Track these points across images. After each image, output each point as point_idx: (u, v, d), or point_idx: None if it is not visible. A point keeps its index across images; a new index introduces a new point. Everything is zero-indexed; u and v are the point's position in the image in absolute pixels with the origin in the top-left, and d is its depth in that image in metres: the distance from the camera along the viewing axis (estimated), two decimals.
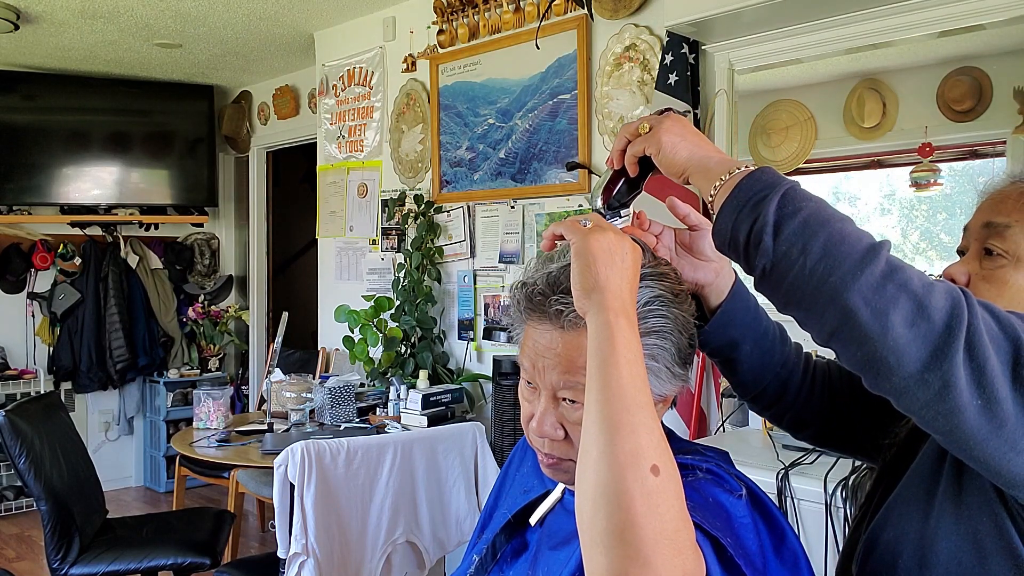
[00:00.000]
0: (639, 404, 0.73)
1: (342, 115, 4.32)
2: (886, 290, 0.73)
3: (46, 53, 4.71)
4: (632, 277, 0.81)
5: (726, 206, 0.84)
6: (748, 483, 0.90)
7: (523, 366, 0.93)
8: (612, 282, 0.79)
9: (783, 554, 0.86)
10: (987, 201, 0.95)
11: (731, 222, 0.82)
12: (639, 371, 0.75)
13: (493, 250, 3.56)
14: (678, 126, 0.92)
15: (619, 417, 0.72)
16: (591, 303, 0.79)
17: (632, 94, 2.99)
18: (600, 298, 0.78)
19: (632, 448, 0.70)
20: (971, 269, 0.93)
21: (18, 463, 2.71)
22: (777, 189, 0.80)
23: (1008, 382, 0.72)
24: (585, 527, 0.71)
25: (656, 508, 0.68)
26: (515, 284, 0.94)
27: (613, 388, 0.73)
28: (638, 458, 0.70)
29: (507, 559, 1.04)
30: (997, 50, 2.21)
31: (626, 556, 0.67)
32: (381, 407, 3.48)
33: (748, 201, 0.81)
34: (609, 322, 0.76)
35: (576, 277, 0.81)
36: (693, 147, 0.90)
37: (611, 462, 0.70)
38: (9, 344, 5.10)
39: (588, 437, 0.73)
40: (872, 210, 2.47)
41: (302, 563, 2.36)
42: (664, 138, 0.91)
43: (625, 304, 0.79)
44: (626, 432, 0.71)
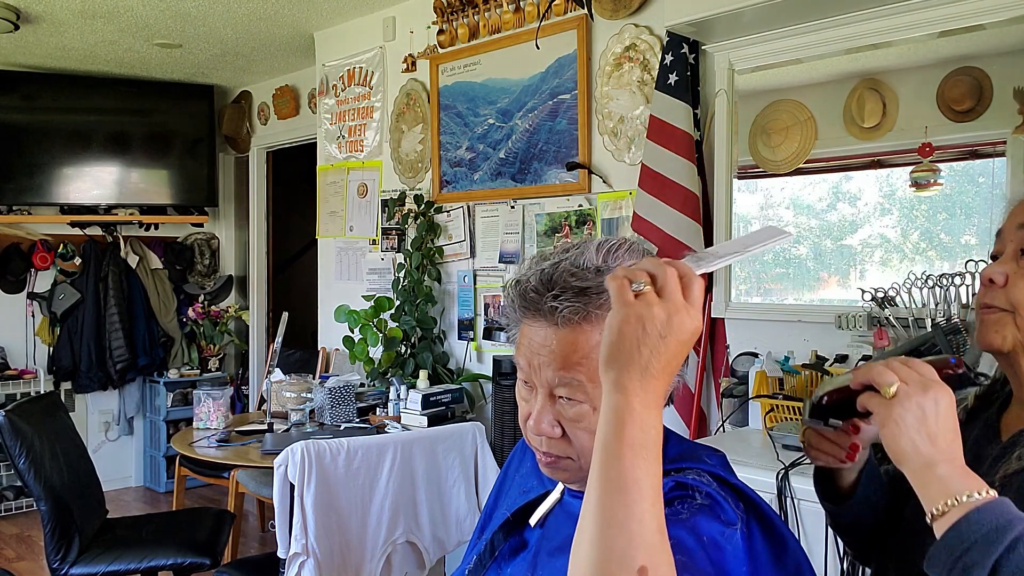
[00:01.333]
0: (636, 499, 0.68)
1: (342, 115, 4.32)
2: None
3: (46, 53, 4.71)
4: (669, 357, 0.71)
5: (941, 545, 0.79)
6: (746, 491, 0.89)
7: (519, 365, 0.94)
8: (635, 364, 0.71)
9: (785, 562, 0.86)
10: (1020, 206, 0.98)
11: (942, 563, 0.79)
12: (644, 461, 0.70)
13: (493, 250, 3.56)
14: (919, 411, 0.82)
15: (614, 511, 0.69)
16: (606, 379, 0.73)
17: (632, 94, 2.99)
18: (615, 377, 0.71)
19: (623, 546, 0.67)
20: (1008, 269, 0.95)
21: (18, 463, 2.71)
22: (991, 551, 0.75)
23: None
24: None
25: None
26: (509, 282, 0.94)
27: (612, 479, 0.69)
28: (626, 558, 0.67)
29: (505, 557, 1.04)
30: (997, 50, 2.21)
31: None
32: (381, 407, 3.48)
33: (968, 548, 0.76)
34: (617, 406, 0.71)
35: (603, 348, 0.73)
36: (922, 443, 0.82)
37: (600, 558, 0.68)
38: (9, 344, 5.10)
39: (584, 521, 0.71)
40: (872, 210, 2.47)
41: (302, 563, 2.36)
42: (894, 415, 0.83)
43: (646, 387, 0.71)
44: (619, 528, 0.68)
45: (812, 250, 2.65)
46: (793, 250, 2.70)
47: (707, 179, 2.75)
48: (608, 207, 3.09)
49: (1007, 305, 0.95)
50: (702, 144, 2.76)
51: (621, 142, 3.04)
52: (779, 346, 2.52)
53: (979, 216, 2.25)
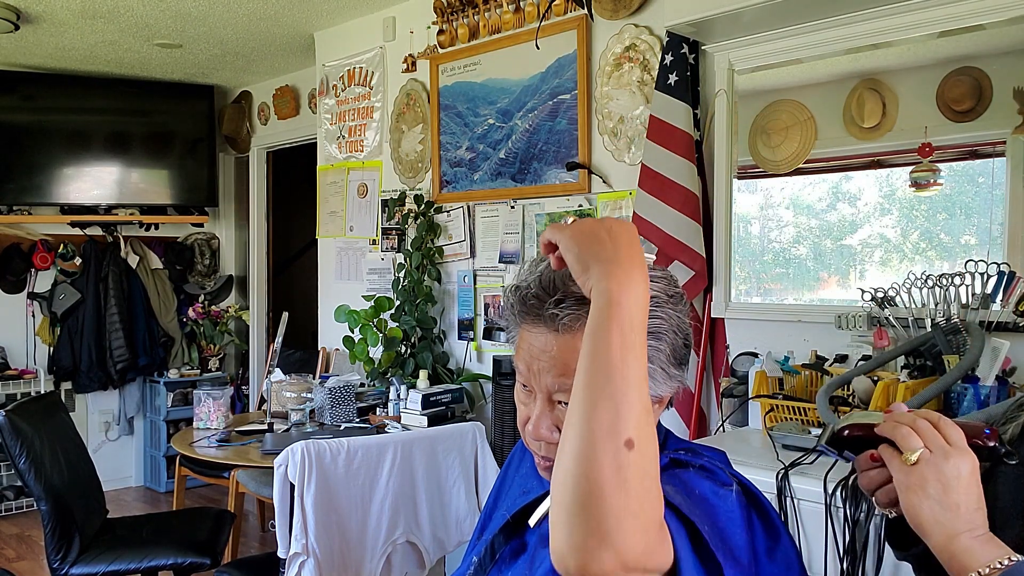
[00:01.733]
0: (624, 377, 0.71)
1: (342, 115, 4.32)
2: None
3: (46, 53, 4.71)
4: (627, 241, 0.78)
5: None
6: (745, 483, 0.90)
7: (518, 369, 0.93)
8: (603, 253, 0.77)
9: (776, 556, 0.86)
10: None
11: None
12: (632, 343, 0.73)
13: (493, 250, 3.56)
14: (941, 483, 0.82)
15: (602, 387, 0.71)
16: (591, 279, 0.77)
17: (632, 94, 2.99)
18: (597, 270, 0.76)
19: (610, 420, 0.69)
20: None
21: (18, 463, 2.71)
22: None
23: None
24: (554, 494, 0.71)
25: (625, 483, 0.67)
26: (508, 288, 0.94)
27: (601, 358, 0.72)
28: (614, 430, 0.69)
29: (506, 560, 1.04)
30: (997, 50, 2.21)
31: (588, 528, 0.67)
32: (381, 407, 3.48)
33: None
34: (606, 289, 0.74)
35: (572, 268, 0.79)
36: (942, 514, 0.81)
37: (587, 431, 0.69)
38: (9, 344, 5.10)
39: (573, 401, 0.72)
40: (872, 210, 2.47)
41: (302, 563, 2.36)
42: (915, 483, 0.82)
43: (625, 270, 0.75)
44: (606, 402, 0.70)
45: (812, 250, 2.65)
46: (793, 250, 2.70)
47: (707, 179, 2.75)
48: (608, 207, 3.09)
49: None
50: (702, 144, 2.76)
51: (621, 142, 3.04)
52: (779, 346, 2.52)
53: (979, 216, 2.25)
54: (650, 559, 0.70)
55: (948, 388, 1.89)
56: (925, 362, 2.06)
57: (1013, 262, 2.09)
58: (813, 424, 2.12)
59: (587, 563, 0.67)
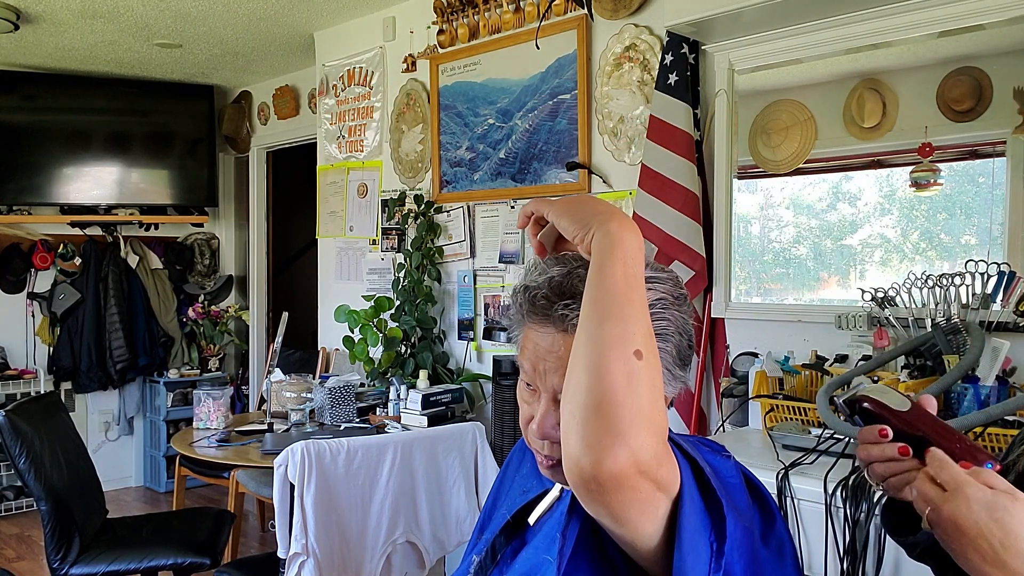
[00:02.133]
0: (630, 300, 0.76)
1: (342, 115, 4.32)
2: None
3: (46, 53, 4.71)
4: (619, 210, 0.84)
5: None
6: (744, 470, 0.91)
7: (523, 368, 0.93)
8: (599, 207, 0.83)
9: (769, 540, 0.87)
10: None
11: None
12: (635, 273, 0.78)
13: (493, 250, 3.56)
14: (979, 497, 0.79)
15: (610, 308, 0.75)
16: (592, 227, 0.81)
17: (632, 94, 2.99)
18: (600, 219, 0.81)
19: (619, 332, 0.73)
20: None
21: (18, 463, 2.71)
22: None
23: None
24: (567, 404, 0.74)
25: (636, 388, 0.71)
26: (517, 287, 0.94)
27: (607, 285, 0.76)
28: (623, 341, 0.73)
29: (507, 560, 1.04)
30: (997, 50, 2.21)
31: (603, 427, 0.70)
32: (381, 407, 3.48)
33: None
34: (609, 230, 0.80)
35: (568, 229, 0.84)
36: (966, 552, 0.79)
37: (597, 342, 0.73)
38: (9, 344, 5.10)
39: (582, 325, 0.77)
40: (872, 210, 2.47)
41: (302, 563, 2.36)
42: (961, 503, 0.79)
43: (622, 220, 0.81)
44: (615, 319, 0.74)
45: (812, 250, 2.65)
46: (793, 250, 2.70)
47: (707, 179, 2.75)
48: None
49: None
50: (702, 144, 2.76)
51: (621, 142, 3.04)
52: (779, 346, 2.52)
53: (979, 216, 2.25)
54: (660, 468, 0.72)
55: (948, 388, 1.89)
56: (925, 362, 2.06)
57: (1013, 262, 2.09)
58: (813, 424, 2.12)
59: (601, 459, 0.70)
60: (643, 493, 0.71)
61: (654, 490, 0.72)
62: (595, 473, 0.70)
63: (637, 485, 0.71)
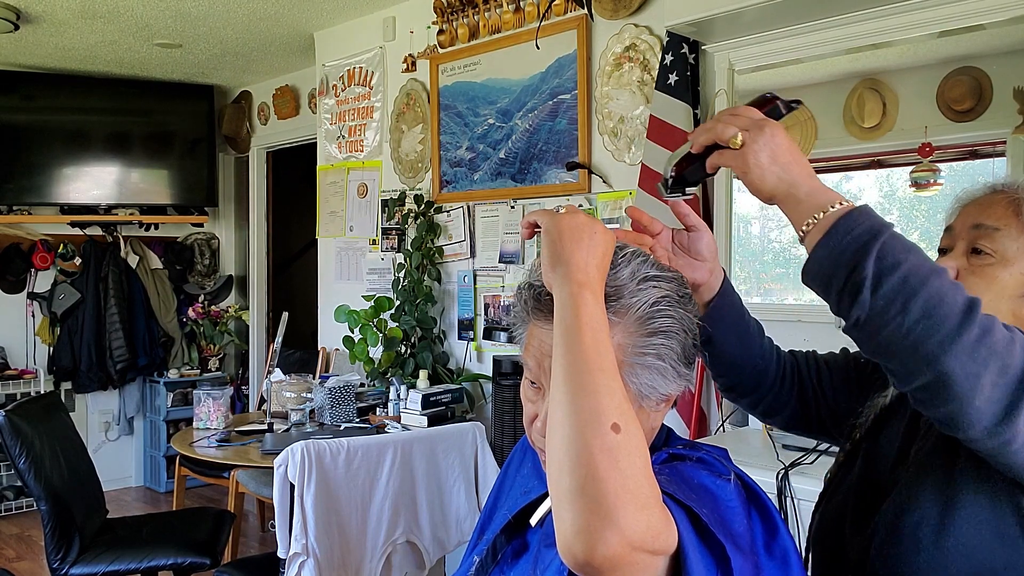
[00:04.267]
0: (600, 367, 0.75)
1: (342, 115, 4.32)
2: (979, 354, 0.78)
3: (46, 53, 4.71)
4: (601, 255, 0.83)
5: (820, 249, 0.85)
6: (744, 477, 0.90)
7: (527, 366, 0.94)
8: (577, 257, 0.82)
9: (773, 550, 0.86)
10: (972, 206, 1.05)
11: (825, 268, 0.85)
12: (602, 338, 0.77)
13: (493, 250, 3.56)
14: (770, 147, 0.90)
15: (580, 379, 0.74)
16: (556, 276, 0.82)
17: (632, 94, 3.00)
18: (564, 271, 0.81)
19: (592, 407, 0.72)
20: (959, 265, 1.02)
21: (18, 463, 2.71)
22: (877, 238, 0.82)
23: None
24: (553, 488, 0.73)
25: (617, 463, 0.70)
26: (523, 285, 0.94)
27: (575, 353, 0.76)
28: (598, 416, 0.72)
29: (508, 560, 1.04)
30: (997, 50, 2.21)
31: (589, 510, 0.69)
32: (381, 407, 3.48)
33: (846, 249, 0.83)
34: (572, 294, 0.79)
35: (544, 253, 0.85)
36: (782, 172, 0.89)
37: (573, 421, 0.72)
38: (9, 344, 5.10)
39: (553, 401, 0.76)
40: None
41: (302, 563, 2.36)
42: (752, 160, 0.90)
43: (591, 278, 0.81)
44: (587, 393, 0.73)
45: None
46: (793, 250, 2.70)
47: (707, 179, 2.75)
48: (608, 207, 3.09)
49: None
50: None
51: (621, 142, 3.04)
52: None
53: None
54: (655, 539, 0.71)
55: None
56: None
57: None
58: None
59: (593, 546, 0.68)
60: (639, 564, 0.70)
61: (651, 557, 0.71)
62: (588, 559, 0.69)
63: (633, 560, 0.69)
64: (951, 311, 0.78)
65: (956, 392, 0.78)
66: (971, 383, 0.78)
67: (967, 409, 0.79)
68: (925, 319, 0.78)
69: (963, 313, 0.79)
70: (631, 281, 0.88)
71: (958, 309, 0.79)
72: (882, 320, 0.80)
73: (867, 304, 0.81)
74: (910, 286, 0.79)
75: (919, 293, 0.79)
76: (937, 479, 0.95)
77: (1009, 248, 0.99)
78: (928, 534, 0.92)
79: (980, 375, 0.78)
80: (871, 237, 0.82)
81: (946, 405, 0.80)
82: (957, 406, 0.79)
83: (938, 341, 0.78)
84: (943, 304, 0.79)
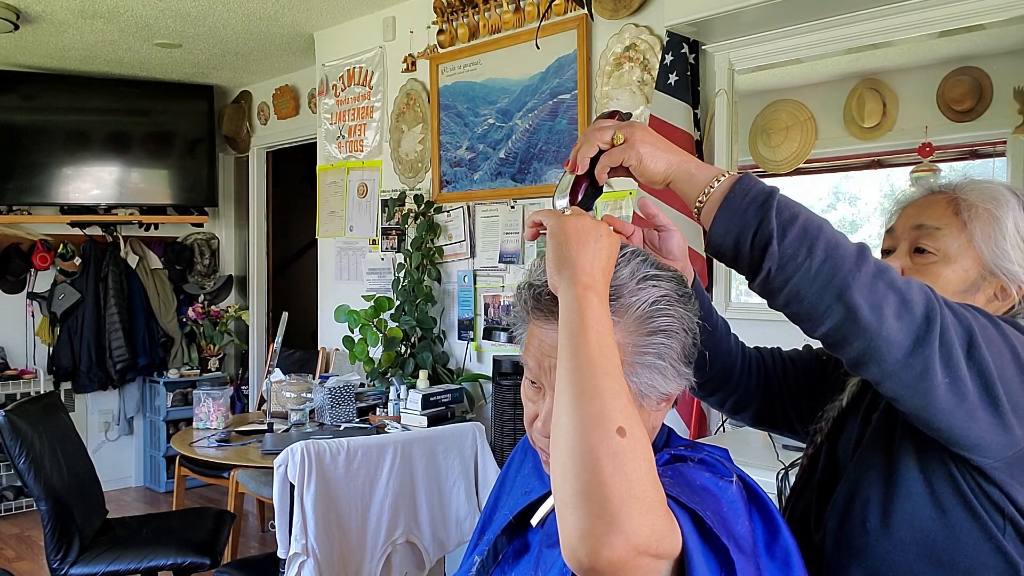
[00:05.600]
0: (605, 371, 0.75)
1: (342, 115, 4.32)
2: (878, 287, 0.85)
3: (46, 53, 4.71)
4: (606, 258, 0.84)
5: (722, 214, 0.90)
6: (745, 478, 0.90)
7: (527, 365, 0.94)
8: (583, 259, 0.82)
9: (774, 551, 0.86)
10: (912, 208, 1.10)
11: (732, 228, 0.90)
12: (607, 341, 0.77)
13: (493, 250, 3.56)
14: (651, 136, 0.96)
15: (586, 383, 0.74)
16: (562, 279, 0.82)
17: (632, 94, 2.99)
18: (570, 274, 0.81)
19: (598, 411, 0.72)
20: (903, 264, 1.07)
21: (18, 463, 2.71)
22: (772, 196, 0.89)
23: (965, 362, 0.86)
24: (557, 492, 0.73)
25: (622, 468, 0.70)
26: (522, 284, 0.94)
27: (580, 356, 0.76)
28: (604, 420, 0.72)
29: (509, 560, 1.04)
30: (997, 50, 2.21)
31: (593, 514, 0.69)
32: (381, 407, 3.48)
33: (747, 208, 0.89)
34: (578, 296, 0.79)
35: (550, 255, 0.85)
36: (669, 155, 0.95)
37: (578, 425, 0.72)
38: (9, 344, 5.10)
39: (558, 405, 0.76)
40: (872, 210, 2.47)
41: (302, 563, 2.36)
42: (642, 149, 0.95)
43: (595, 280, 0.81)
44: (592, 396, 0.73)
45: None
46: None
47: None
48: (608, 207, 3.09)
49: None
50: (702, 144, 2.76)
51: None
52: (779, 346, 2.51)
53: None
54: (659, 543, 0.71)
55: None
56: None
57: None
58: None
59: (598, 549, 0.68)
60: (644, 568, 0.70)
61: (655, 561, 0.71)
62: (593, 564, 0.69)
63: (637, 564, 0.69)
64: (847, 252, 0.86)
65: (863, 324, 0.84)
66: (876, 314, 0.84)
67: (876, 341, 0.84)
68: (828, 260, 0.85)
69: (858, 252, 0.86)
70: (631, 280, 0.88)
71: (852, 250, 0.86)
72: (792, 266, 0.86)
73: (776, 254, 0.86)
74: (810, 234, 0.86)
75: (819, 238, 0.86)
76: (879, 460, 1.00)
77: (951, 246, 1.04)
78: (875, 513, 0.98)
79: (882, 306, 0.84)
80: (767, 196, 0.88)
81: (857, 339, 0.85)
82: (867, 340, 0.85)
83: (842, 277, 0.84)
84: (839, 247, 0.86)
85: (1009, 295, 1.04)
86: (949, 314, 0.87)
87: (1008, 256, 1.03)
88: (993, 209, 1.04)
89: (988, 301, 1.05)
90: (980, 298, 1.05)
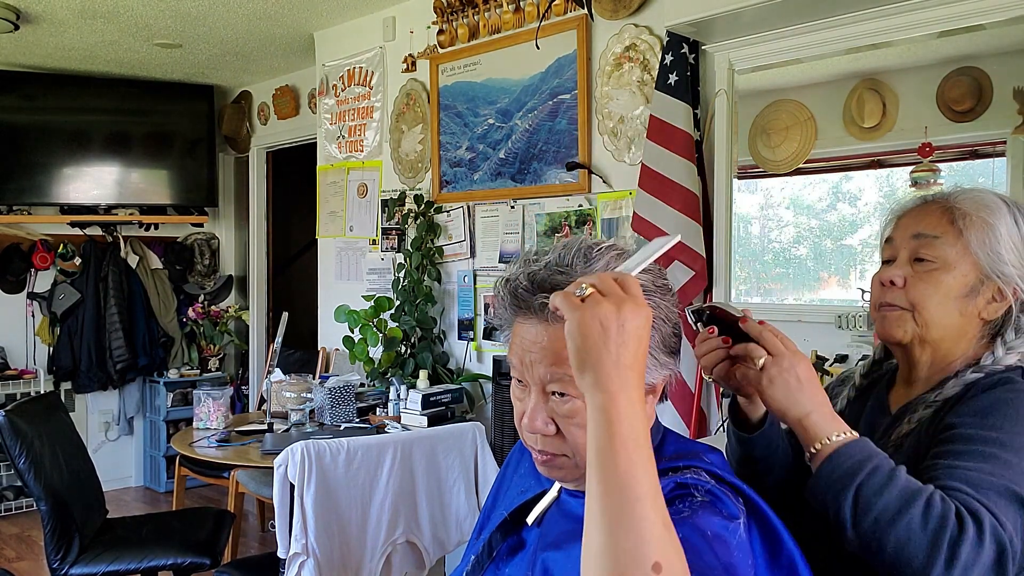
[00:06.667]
0: (638, 496, 0.70)
1: (342, 115, 4.32)
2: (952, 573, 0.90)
3: (46, 53, 4.71)
4: (635, 346, 0.74)
5: (820, 480, 0.99)
6: (743, 489, 0.90)
7: (512, 364, 0.94)
8: (605, 360, 0.73)
9: (780, 560, 0.86)
10: (908, 218, 1.15)
11: (821, 499, 0.98)
12: (641, 456, 0.71)
13: (493, 250, 3.56)
14: (790, 372, 1.01)
15: (619, 511, 0.69)
16: (584, 384, 0.75)
17: (632, 94, 2.99)
18: (593, 378, 0.74)
19: (633, 546, 0.68)
20: (905, 273, 1.12)
21: (18, 463, 2.71)
22: (855, 479, 0.95)
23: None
24: None
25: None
26: (499, 280, 0.95)
27: (611, 480, 0.71)
28: (638, 558, 0.68)
29: (503, 557, 1.04)
30: (997, 50, 2.21)
31: None
32: (381, 407, 3.48)
33: (832, 485, 0.97)
34: (603, 406, 0.73)
35: (570, 356, 0.76)
36: (796, 396, 1.00)
37: (613, 561, 0.69)
38: (9, 344, 5.10)
39: (590, 526, 0.71)
40: (872, 210, 2.47)
41: (302, 563, 2.36)
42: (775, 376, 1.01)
43: (624, 380, 0.73)
44: (626, 529, 0.69)
45: (812, 250, 2.65)
46: (793, 250, 2.70)
47: (707, 179, 2.75)
48: (608, 207, 3.09)
49: (906, 304, 1.12)
50: (702, 144, 2.76)
51: (621, 142, 3.04)
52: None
53: None
54: None
55: None
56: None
57: None
58: None
59: None
60: None
61: None
62: None
63: None
64: (919, 548, 0.91)
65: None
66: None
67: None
68: (898, 557, 0.92)
69: (930, 547, 0.91)
70: None
71: (925, 543, 0.91)
72: (861, 550, 0.95)
73: (850, 538, 0.95)
74: (880, 527, 0.93)
75: (888, 534, 0.92)
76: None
77: (949, 253, 1.09)
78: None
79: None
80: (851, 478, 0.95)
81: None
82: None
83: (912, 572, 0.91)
84: (911, 542, 0.91)
85: (1006, 297, 1.09)
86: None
87: (1004, 260, 1.08)
88: (986, 216, 1.09)
89: (987, 303, 1.10)
90: (980, 301, 1.09)
